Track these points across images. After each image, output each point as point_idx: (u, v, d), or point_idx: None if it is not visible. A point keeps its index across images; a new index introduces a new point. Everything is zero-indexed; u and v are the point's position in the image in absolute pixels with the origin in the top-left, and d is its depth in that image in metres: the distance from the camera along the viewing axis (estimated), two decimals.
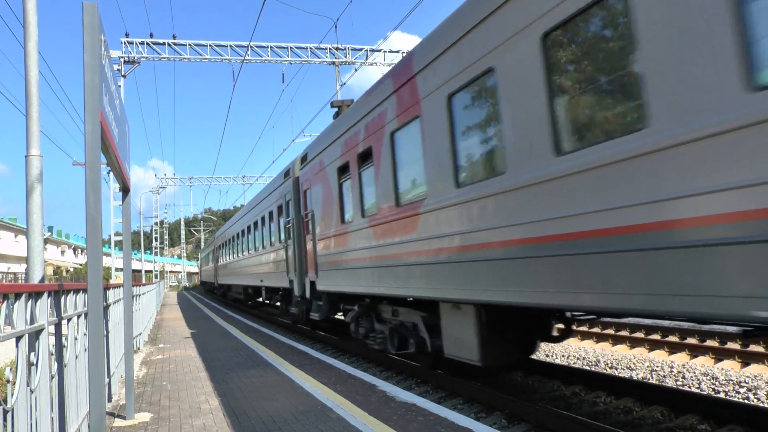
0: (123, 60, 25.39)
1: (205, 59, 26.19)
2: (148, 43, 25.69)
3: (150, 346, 11.91)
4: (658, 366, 8.71)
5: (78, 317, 4.28)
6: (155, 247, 69.43)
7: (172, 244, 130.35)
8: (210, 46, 26.19)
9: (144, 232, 51.16)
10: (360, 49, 27.59)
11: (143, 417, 5.61)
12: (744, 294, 3.13)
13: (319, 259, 10.91)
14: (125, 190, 6.22)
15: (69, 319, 4.02)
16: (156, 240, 68.47)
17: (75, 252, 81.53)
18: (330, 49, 27.15)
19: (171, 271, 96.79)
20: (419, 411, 5.38)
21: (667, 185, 3.54)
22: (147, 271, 58.78)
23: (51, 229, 67.98)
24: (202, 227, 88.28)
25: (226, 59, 26.26)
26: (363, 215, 8.54)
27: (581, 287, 4.29)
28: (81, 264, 71.24)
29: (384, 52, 27.48)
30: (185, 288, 72.82)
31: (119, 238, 38.96)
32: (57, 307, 3.67)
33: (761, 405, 6.60)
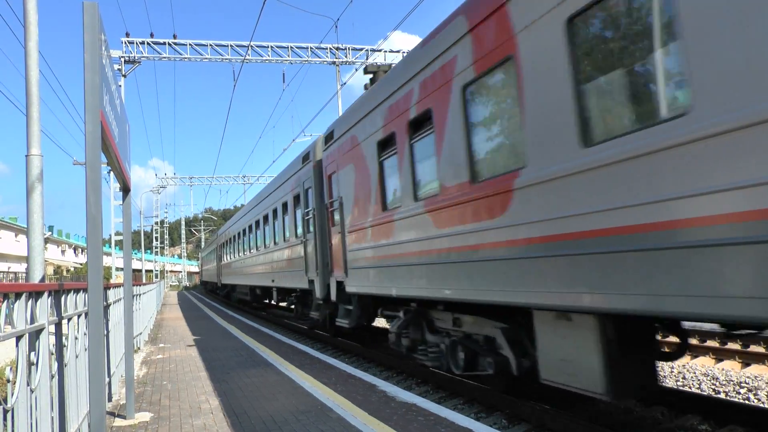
0: (123, 60, 25.43)
1: (206, 59, 26.21)
2: (148, 43, 25.71)
3: (150, 345, 11.92)
4: (658, 366, 8.71)
5: (78, 317, 4.28)
6: (155, 247, 69.52)
7: (172, 243, 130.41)
8: (210, 45, 26.20)
9: (144, 231, 51.21)
10: (360, 49, 27.61)
11: (143, 417, 5.61)
12: None
13: (350, 255, 9.32)
14: (126, 189, 6.22)
15: (69, 319, 4.03)
16: (156, 240, 68.54)
17: (75, 251, 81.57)
18: (330, 49, 27.17)
19: (171, 271, 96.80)
20: (419, 411, 5.38)
21: None
22: (147, 271, 58.88)
23: (51, 229, 68.03)
24: (202, 227, 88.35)
25: (226, 59, 26.28)
26: (416, 198, 6.97)
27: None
28: (81, 263, 71.28)
29: (384, 51, 27.48)
30: (185, 288, 72.87)
31: (119, 237, 39.02)
32: (57, 307, 3.67)
33: (762, 405, 6.60)
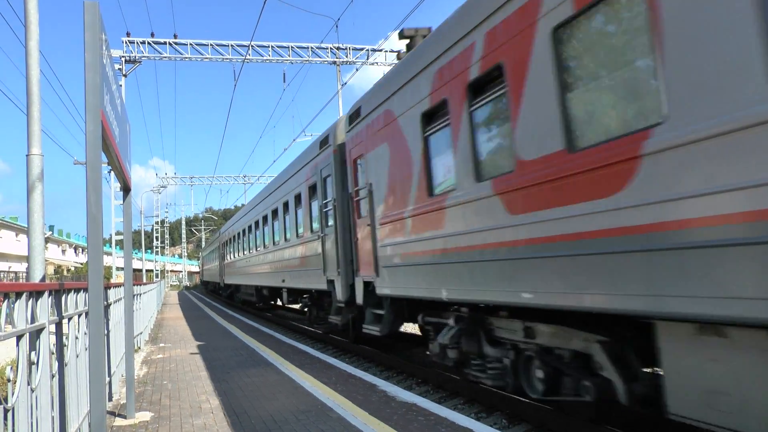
0: (124, 59, 25.41)
1: (206, 59, 26.19)
2: (149, 43, 25.70)
3: (151, 345, 11.92)
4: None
5: (79, 316, 4.28)
6: (156, 247, 69.56)
7: (172, 243, 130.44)
8: (211, 45, 26.19)
9: (145, 231, 51.21)
10: (361, 49, 27.58)
11: (144, 416, 5.62)
12: None
13: (381, 252, 8.05)
14: (126, 189, 6.23)
15: (70, 318, 4.03)
16: (157, 239, 68.58)
17: (76, 251, 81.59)
18: (331, 49, 27.14)
19: (172, 271, 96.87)
20: (420, 411, 5.38)
21: None
22: (148, 271, 58.90)
23: (52, 228, 68.06)
24: (202, 226, 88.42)
25: (227, 59, 26.26)
26: (479, 178, 5.65)
27: None
28: (82, 263, 71.28)
29: (385, 51, 27.47)
30: (186, 287, 72.90)
31: (120, 237, 39.09)
32: (58, 306, 3.67)
33: None
